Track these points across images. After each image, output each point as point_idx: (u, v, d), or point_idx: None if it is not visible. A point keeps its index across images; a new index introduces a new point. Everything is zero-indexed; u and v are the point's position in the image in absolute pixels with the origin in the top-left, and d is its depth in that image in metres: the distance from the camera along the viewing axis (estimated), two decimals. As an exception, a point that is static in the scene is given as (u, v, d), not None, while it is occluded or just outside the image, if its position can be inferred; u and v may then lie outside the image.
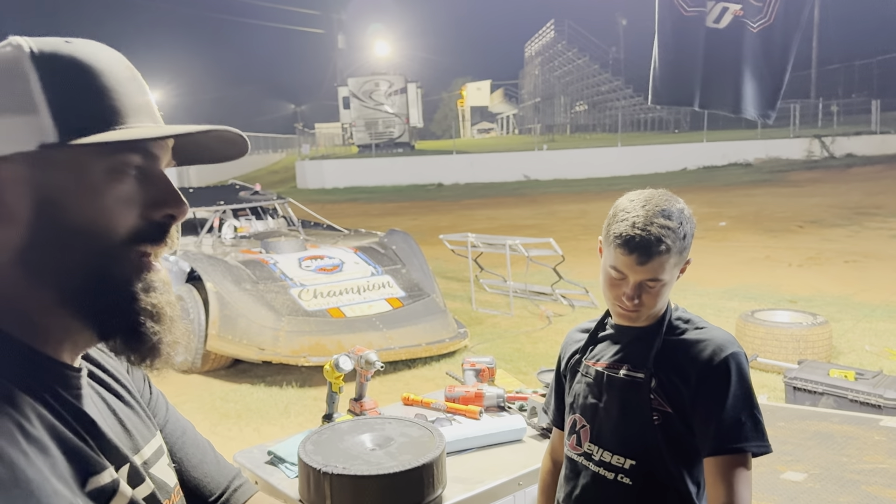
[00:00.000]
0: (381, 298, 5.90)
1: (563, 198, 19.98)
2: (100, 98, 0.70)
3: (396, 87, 33.22)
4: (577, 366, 1.60)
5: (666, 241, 1.38)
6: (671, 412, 1.41)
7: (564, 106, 45.32)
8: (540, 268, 8.10)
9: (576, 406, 1.57)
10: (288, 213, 8.33)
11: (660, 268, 1.40)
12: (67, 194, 0.69)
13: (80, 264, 0.70)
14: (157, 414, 0.96)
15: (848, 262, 9.28)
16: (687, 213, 1.45)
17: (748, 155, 26.13)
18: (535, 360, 5.66)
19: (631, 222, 1.39)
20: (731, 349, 1.39)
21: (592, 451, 1.51)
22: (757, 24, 3.16)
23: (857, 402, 3.85)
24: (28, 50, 0.68)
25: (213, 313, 5.40)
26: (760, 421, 1.37)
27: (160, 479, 0.83)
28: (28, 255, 0.69)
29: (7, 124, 0.67)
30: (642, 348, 1.47)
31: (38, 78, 0.67)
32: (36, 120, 0.67)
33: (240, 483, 1.05)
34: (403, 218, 16.39)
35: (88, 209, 0.69)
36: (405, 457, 1.70)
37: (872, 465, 2.89)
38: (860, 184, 18.51)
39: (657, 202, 1.42)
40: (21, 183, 0.68)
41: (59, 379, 0.72)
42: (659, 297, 1.44)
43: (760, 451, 1.36)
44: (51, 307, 0.71)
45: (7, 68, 0.68)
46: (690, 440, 1.41)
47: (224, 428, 4.56)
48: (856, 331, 6.13)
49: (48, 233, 0.69)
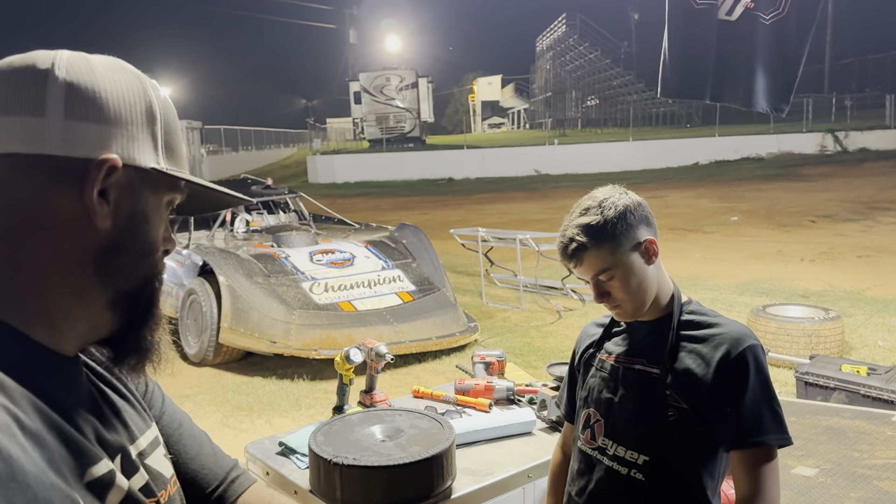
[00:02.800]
0: (391, 292, 5.92)
1: (574, 192, 19.78)
2: (179, 139, 0.83)
3: (407, 81, 33.17)
4: (591, 360, 1.60)
5: (579, 239, 1.42)
6: (686, 408, 1.40)
7: (576, 100, 45.06)
8: (550, 262, 8.09)
9: (590, 400, 1.57)
10: (299, 207, 8.36)
11: (595, 262, 1.43)
12: (150, 212, 0.79)
13: (143, 272, 0.79)
14: (153, 406, 0.98)
15: (861, 257, 9.21)
16: (613, 202, 1.43)
17: (760, 149, 25.93)
18: (545, 355, 5.66)
19: (560, 236, 1.47)
20: (748, 342, 1.38)
21: (607, 446, 1.51)
22: (770, 17, 3.13)
23: (870, 398, 3.84)
24: (147, 80, 0.79)
25: (225, 306, 5.44)
26: (780, 413, 1.37)
27: (156, 469, 0.84)
28: (106, 256, 0.75)
29: (131, 139, 0.76)
30: (656, 342, 1.47)
31: (160, 108, 0.79)
32: (153, 144, 0.78)
33: (237, 474, 1.06)
34: (414, 212, 16.40)
35: (158, 229, 0.81)
36: (415, 448, 1.71)
37: (884, 460, 2.88)
38: (873, 178, 18.33)
39: (580, 203, 1.48)
40: (129, 193, 0.76)
41: (56, 370, 0.74)
42: (627, 287, 1.44)
43: (781, 443, 1.36)
44: (96, 306, 0.76)
45: (138, 90, 0.77)
46: (706, 436, 1.40)
47: (236, 420, 4.59)
48: (868, 326, 6.09)
49: (132, 240, 0.77)
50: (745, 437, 1.35)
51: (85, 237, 0.73)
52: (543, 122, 42.48)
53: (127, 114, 0.75)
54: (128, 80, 0.77)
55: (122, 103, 0.75)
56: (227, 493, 1.03)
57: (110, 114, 0.73)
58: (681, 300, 1.51)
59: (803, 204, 14.62)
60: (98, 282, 0.74)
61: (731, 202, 15.34)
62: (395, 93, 33.03)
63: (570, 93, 44.91)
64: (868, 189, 16.34)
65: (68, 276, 0.73)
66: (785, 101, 3.25)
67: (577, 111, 45.01)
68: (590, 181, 23.19)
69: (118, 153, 0.73)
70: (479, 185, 23.91)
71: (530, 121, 53.04)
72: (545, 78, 48.48)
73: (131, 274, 0.77)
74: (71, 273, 0.73)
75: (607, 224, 1.41)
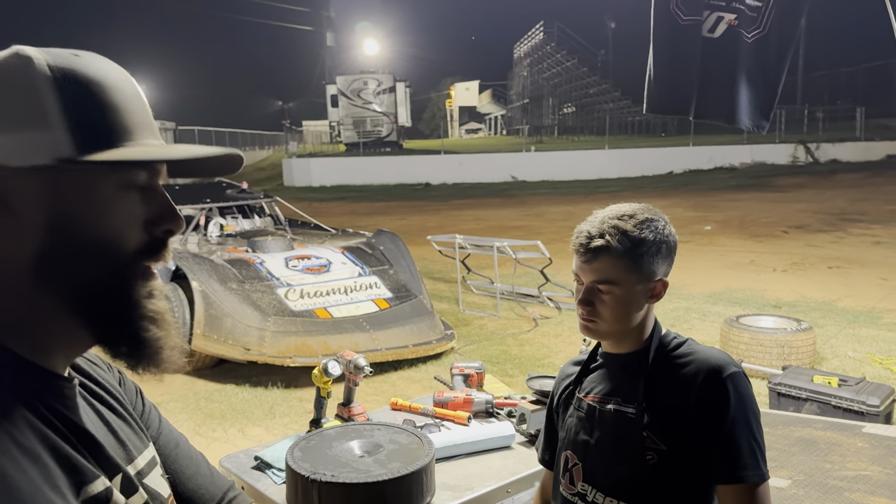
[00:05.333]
0: (368, 299, 5.89)
1: (550, 199, 20.03)
2: (111, 114, 0.71)
3: (385, 85, 33.15)
4: (570, 398, 1.52)
5: (610, 240, 1.35)
6: (666, 450, 1.32)
7: (552, 108, 45.38)
8: (527, 270, 8.11)
9: (567, 441, 1.49)
10: (275, 211, 8.29)
11: (608, 268, 1.35)
12: (81, 207, 0.70)
13: (93, 275, 0.72)
14: (150, 426, 0.97)
15: (832, 268, 9.35)
16: (657, 226, 1.38)
17: (734, 159, 26.32)
18: (521, 363, 5.67)
19: (587, 226, 1.40)
20: (729, 370, 1.31)
21: (586, 492, 1.42)
22: (751, 34, 3.17)
23: (841, 409, 3.89)
24: (42, 63, 0.68)
25: (198, 312, 5.36)
26: (759, 446, 1.30)
27: (154, 489, 0.84)
28: (42, 266, 0.69)
29: (21, 138, 0.67)
30: (630, 378, 1.40)
31: (53, 93, 0.68)
32: (51, 134, 0.67)
33: (234, 495, 1.06)
34: (391, 217, 16.37)
35: (100, 222, 0.71)
36: (394, 464, 1.69)
37: (855, 471, 2.91)
38: (844, 190, 18.67)
39: (622, 209, 1.40)
40: (35, 196, 0.68)
41: (51, 389, 0.73)
42: (616, 308, 1.38)
43: (756, 479, 1.28)
44: (56, 316, 0.72)
45: (20, 81, 0.68)
46: (689, 478, 1.32)
47: (208, 428, 4.52)
48: (839, 337, 6.18)
49: (63, 244, 0.70)
50: (724, 471, 1.29)
51: (11, 253, 0.69)
52: (520, 129, 42.68)
53: (9, 112, 0.67)
54: (4, 73, 0.68)
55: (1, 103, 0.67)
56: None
57: None
58: (660, 334, 1.44)
59: (776, 214, 14.83)
60: (44, 295, 0.70)
61: (704, 211, 15.51)
62: (373, 97, 32.99)
63: (547, 100, 45.24)
64: (839, 201, 16.62)
65: (20, 292, 0.70)
66: (766, 118, 3.29)
67: (554, 118, 45.34)
68: (566, 188, 23.23)
69: (6, 159, 0.66)
70: (456, 191, 23.96)
71: (507, 127, 53.24)
72: (522, 84, 48.74)
73: (79, 278, 0.71)
74: (21, 289, 0.70)
75: (643, 243, 1.35)
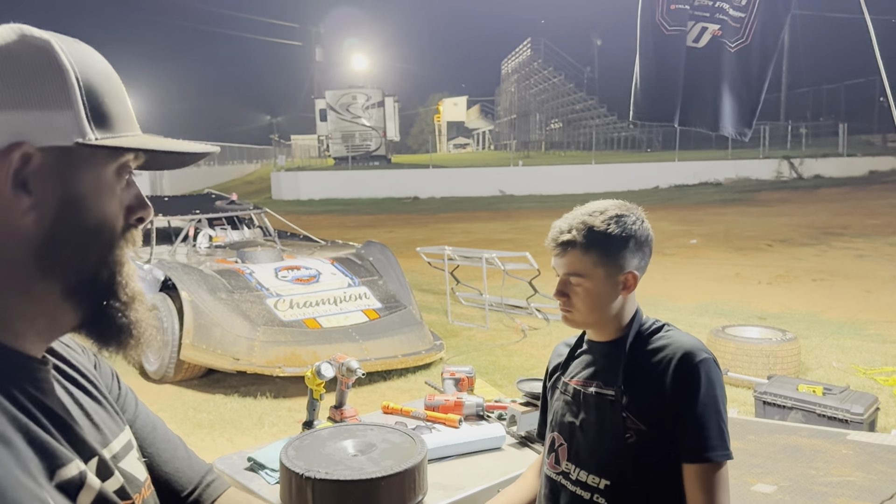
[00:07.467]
0: (357, 310, 5.90)
1: (538, 213, 20.09)
2: (113, 101, 0.73)
3: (374, 100, 33.23)
4: (556, 382, 1.59)
5: (576, 235, 1.42)
6: (645, 429, 1.39)
7: (540, 123, 45.59)
8: (516, 281, 8.14)
9: (554, 423, 1.56)
10: (264, 223, 8.29)
11: (576, 262, 1.43)
12: (89, 191, 0.71)
13: (94, 259, 0.73)
14: (127, 409, 0.96)
15: (816, 281, 9.46)
16: (625, 222, 1.44)
17: (718, 175, 26.56)
18: (510, 373, 5.69)
19: (561, 221, 1.47)
20: (700, 356, 1.38)
21: (570, 471, 1.50)
22: (735, 45, 3.24)
23: (825, 417, 3.93)
24: (59, 46, 0.69)
25: (187, 322, 5.35)
26: (724, 428, 1.37)
27: (130, 472, 0.83)
28: (46, 249, 0.69)
29: (44, 117, 0.67)
30: (611, 363, 1.47)
31: (73, 75, 0.69)
32: (71, 116, 0.68)
33: (212, 478, 1.04)
34: (379, 230, 16.37)
35: (103, 206, 0.73)
36: (387, 462, 1.72)
37: (840, 477, 2.96)
38: (827, 204, 18.88)
39: (596, 206, 1.47)
40: (48, 178, 0.69)
41: (24, 371, 0.72)
42: (587, 299, 1.45)
43: (721, 458, 1.35)
44: (44, 299, 0.71)
45: (42, 60, 0.68)
46: (667, 457, 1.39)
47: (197, 438, 4.51)
48: (823, 347, 6.25)
49: (70, 227, 0.70)
50: (692, 451, 1.36)
51: (16, 234, 0.68)
52: (508, 144, 42.91)
53: (34, 91, 0.67)
54: (28, 52, 0.68)
55: (26, 81, 0.67)
56: (201, 498, 1.01)
57: (14, 96, 0.66)
58: (640, 321, 1.50)
59: (760, 228, 14.98)
60: (42, 277, 0.70)
61: (690, 225, 15.63)
62: (362, 111, 33.05)
63: (535, 115, 45.43)
64: (822, 215, 16.81)
65: (10, 275, 0.69)
66: (748, 126, 3.36)
67: (542, 134, 45.54)
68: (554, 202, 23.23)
69: (30, 137, 0.67)
70: (444, 205, 24.00)
71: (495, 142, 53.45)
72: (510, 100, 48.97)
73: (80, 262, 0.72)
74: (12, 272, 0.69)
75: (608, 238, 1.42)
